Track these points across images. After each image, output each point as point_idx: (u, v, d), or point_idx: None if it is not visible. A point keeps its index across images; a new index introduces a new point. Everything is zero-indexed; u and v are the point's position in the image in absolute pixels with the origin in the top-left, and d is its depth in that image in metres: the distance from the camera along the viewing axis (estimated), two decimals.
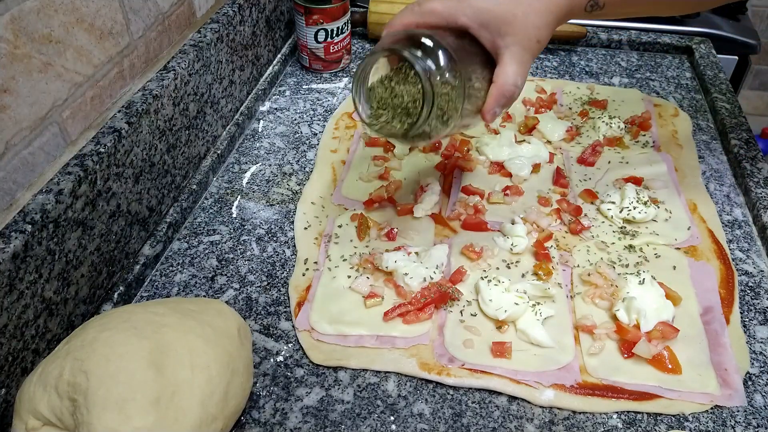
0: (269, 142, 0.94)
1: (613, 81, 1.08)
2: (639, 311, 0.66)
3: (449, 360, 0.65)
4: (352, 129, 0.95)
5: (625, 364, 0.64)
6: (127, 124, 0.70)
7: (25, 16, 0.57)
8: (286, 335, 0.68)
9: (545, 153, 0.88)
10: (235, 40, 0.93)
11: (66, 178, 0.62)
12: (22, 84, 0.58)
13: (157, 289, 0.73)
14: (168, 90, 0.76)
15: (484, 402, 0.62)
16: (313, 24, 1.01)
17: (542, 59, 1.13)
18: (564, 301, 0.70)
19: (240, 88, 0.96)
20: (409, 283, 0.70)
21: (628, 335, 0.65)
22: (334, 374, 0.65)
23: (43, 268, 0.59)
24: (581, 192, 0.84)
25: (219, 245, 0.78)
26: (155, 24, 0.78)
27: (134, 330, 0.53)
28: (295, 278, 0.73)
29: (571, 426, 0.60)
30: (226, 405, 0.54)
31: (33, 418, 0.51)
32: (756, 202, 0.82)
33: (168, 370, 0.51)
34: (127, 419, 0.48)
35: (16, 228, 0.57)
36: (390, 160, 0.89)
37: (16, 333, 0.57)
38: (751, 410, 0.62)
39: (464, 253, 0.75)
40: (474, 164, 0.87)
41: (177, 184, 0.82)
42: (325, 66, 1.07)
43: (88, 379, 0.49)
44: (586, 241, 0.78)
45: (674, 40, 1.14)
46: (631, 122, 0.95)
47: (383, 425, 0.60)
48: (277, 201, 0.84)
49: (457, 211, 0.81)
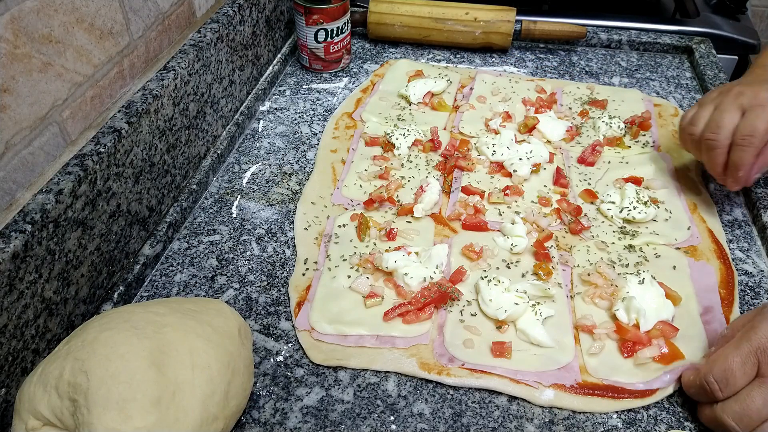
0: (269, 142, 0.94)
1: (613, 81, 1.08)
2: (639, 311, 0.66)
3: (449, 360, 0.65)
4: (352, 129, 0.95)
5: (625, 363, 0.64)
6: (127, 124, 0.70)
7: (25, 16, 0.57)
8: (286, 335, 0.68)
9: (545, 153, 0.88)
10: (235, 40, 0.93)
11: (66, 178, 0.62)
12: (22, 84, 0.58)
13: (157, 289, 0.73)
14: (168, 90, 0.76)
15: (484, 402, 0.62)
16: (313, 24, 1.01)
17: (542, 59, 1.13)
18: (564, 301, 0.70)
19: (240, 88, 0.96)
20: (409, 283, 0.70)
21: (628, 335, 0.65)
22: (334, 374, 0.65)
23: (43, 268, 0.59)
24: (581, 192, 0.84)
25: (219, 245, 0.78)
26: (155, 24, 0.78)
27: (135, 330, 0.52)
28: (295, 278, 0.73)
29: (571, 426, 0.60)
30: (227, 405, 0.54)
31: (33, 418, 0.51)
32: (756, 202, 0.82)
33: (169, 369, 0.51)
34: (128, 419, 0.48)
35: (16, 228, 0.56)
36: (390, 160, 0.89)
37: (16, 333, 0.57)
38: None
39: (464, 253, 0.75)
40: (474, 164, 0.88)
41: (177, 184, 0.82)
42: (325, 66, 1.07)
43: (89, 379, 0.49)
44: (586, 241, 0.78)
45: (674, 40, 1.14)
46: (631, 122, 0.95)
47: (383, 425, 0.60)
48: (277, 201, 0.84)
49: (457, 211, 0.81)
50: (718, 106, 0.74)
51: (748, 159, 0.71)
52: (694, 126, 0.76)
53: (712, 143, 0.73)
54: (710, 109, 0.75)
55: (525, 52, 1.14)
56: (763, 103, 0.70)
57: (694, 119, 0.76)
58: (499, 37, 1.10)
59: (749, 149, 0.70)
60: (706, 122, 0.74)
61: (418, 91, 1.00)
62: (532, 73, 1.09)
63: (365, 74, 1.09)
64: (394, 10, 1.11)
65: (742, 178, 0.73)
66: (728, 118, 0.72)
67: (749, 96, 0.72)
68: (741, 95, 0.72)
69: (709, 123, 0.74)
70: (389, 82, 1.05)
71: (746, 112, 0.71)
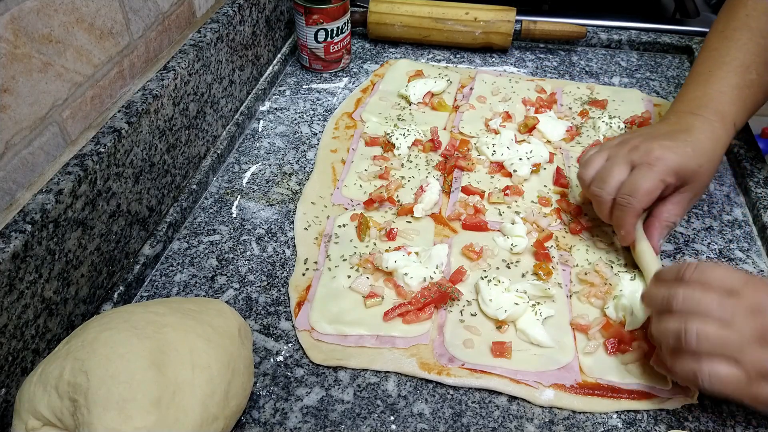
0: (269, 142, 0.94)
1: (613, 81, 1.08)
2: (626, 308, 0.66)
3: (449, 360, 0.65)
4: (352, 129, 0.95)
5: (620, 363, 0.64)
6: (127, 124, 0.70)
7: (25, 16, 0.57)
8: (286, 335, 0.68)
9: (545, 153, 0.88)
10: (235, 40, 0.93)
11: (66, 178, 0.62)
12: (22, 84, 0.58)
13: (157, 289, 0.73)
14: (168, 90, 0.76)
15: (484, 402, 0.62)
16: (313, 24, 1.01)
17: (542, 59, 1.13)
18: (564, 301, 0.71)
19: (240, 88, 0.96)
20: (409, 283, 0.70)
21: (610, 330, 0.66)
22: (334, 374, 0.65)
23: (43, 268, 0.59)
24: (581, 192, 0.84)
25: (219, 245, 0.78)
26: (155, 24, 0.78)
27: (135, 330, 0.52)
28: (295, 278, 0.73)
29: (571, 426, 0.60)
30: (227, 405, 0.54)
31: (33, 418, 0.51)
32: (756, 202, 0.82)
33: (169, 369, 0.51)
34: (128, 419, 0.48)
35: (16, 228, 0.56)
36: (390, 160, 0.89)
37: (16, 333, 0.57)
38: (751, 410, 0.62)
39: (464, 253, 0.75)
40: (474, 164, 0.87)
41: (177, 184, 0.82)
42: (325, 66, 1.07)
43: (89, 379, 0.49)
44: (585, 241, 0.78)
45: (674, 40, 1.14)
46: (631, 122, 0.95)
47: (383, 425, 0.60)
48: (277, 201, 0.84)
49: (457, 211, 0.81)
50: (610, 158, 0.71)
51: (628, 219, 0.69)
52: (585, 170, 0.73)
53: (597, 198, 0.71)
54: (603, 158, 0.72)
55: (525, 52, 1.14)
56: (651, 162, 0.67)
57: (587, 164, 0.73)
58: (499, 37, 1.10)
59: (628, 209, 0.68)
60: (595, 172, 0.72)
61: (418, 91, 1.00)
62: (532, 73, 1.09)
63: (365, 74, 1.09)
64: (394, 10, 1.11)
65: (625, 237, 0.71)
66: (615, 173, 0.69)
67: (642, 152, 0.69)
68: (635, 150, 0.69)
69: (598, 174, 0.71)
70: (389, 82, 1.05)
71: (634, 168, 0.69)
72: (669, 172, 0.67)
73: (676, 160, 0.68)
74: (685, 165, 0.68)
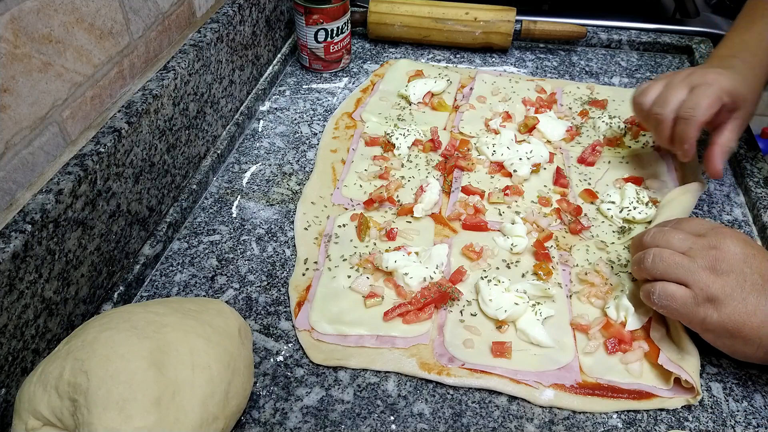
0: (269, 142, 0.94)
1: (613, 81, 1.08)
2: (627, 308, 0.66)
3: (449, 360, 0.65)
4: (352, 129, 0.95)
5: (619, 363, 0.64)
6: (127, 124, 0.70)
7: (25, 15, 0.57)
8: (286, 335, 0.68)
9: (545, 153, 0.88)
10: (235, 40, 0.93)
11: (66, 178, 0.62)
12: (22, 84, 0.58)
13: (157, 289, 0.73)
14: (168, 90, 0.76)
15: (484, 402, 0.62)
16: (313, 24, 1.01)
17: (542, 59, 1.13)
18: (564, 301, 0.71)
19: (240, 88, 0.96)
20: (409, 283, 0.70)
21: (611, 330, 0.66)
22: (334, 374, 0.65)
23: (43, 268, 0.59)
24: (581, 192, 0.84)
25: (219, 245, 0.78)
26: (155, 24, 0.78)
27: (135, 330, 0.52)
28: (295, 278, 0.73)
29: (571, 426, 0.60)
30: (227, 404, 0.54)
31: (33, 418, 0.51)
32: (756, 202, 0.82)
33: (169, 369, 0.51)
34: (128, 419, 0.48)
35: (16, 228, 0.56)
36: (390, 160, 0.89)
37: (16, 333, 0.57)
38: (751, 410, 0.62)
39: (464, 253, 0.75)
40: (474, 164, 0.87)
41: (177, 184, 0.82)
42: (325, 66, 1.07)
43: (89, 379, 0.49)
44: (585, 241, 0.78)
45: (674, 40, 1.14)
46: (631, 122, 0.95)
47: (383, 425, 0.60)
48: (277, 201, 0.84)
49: (457, 211, 0.81)
50: (668, 83, 0.78)
51: (691, 132, 0.75)
52: (644, 97, 0.80)
53: (659, 117, 0.77)
54: (661, 85, 0.79)
55: (525, 52, 1.14)
56: (709, 82, 0.75)
57: (645, 92, 0.80)
58: (499, 37, 1.10)
59: (691, 121, 0.74)
60: (655, 97, 0.79)
61: (418, 91, 1.00)
62: (532, 73, 1.09)
63: (365, 74, 1.09)
64: (394, 10, 1.11)
65: (688, 151, 0.77)
66: (675, 95, 0.76)
67: (698, 75, 0.77)
68: (691, 74, 0.77)
69: (658, 98, 0.78)
70: (389, 82, 1.05)
71: (693, 89, 0.75)
72: (725, 91, 0.74)
73: (730, 83, 0.75)
74: (738, 89, 0.76)
